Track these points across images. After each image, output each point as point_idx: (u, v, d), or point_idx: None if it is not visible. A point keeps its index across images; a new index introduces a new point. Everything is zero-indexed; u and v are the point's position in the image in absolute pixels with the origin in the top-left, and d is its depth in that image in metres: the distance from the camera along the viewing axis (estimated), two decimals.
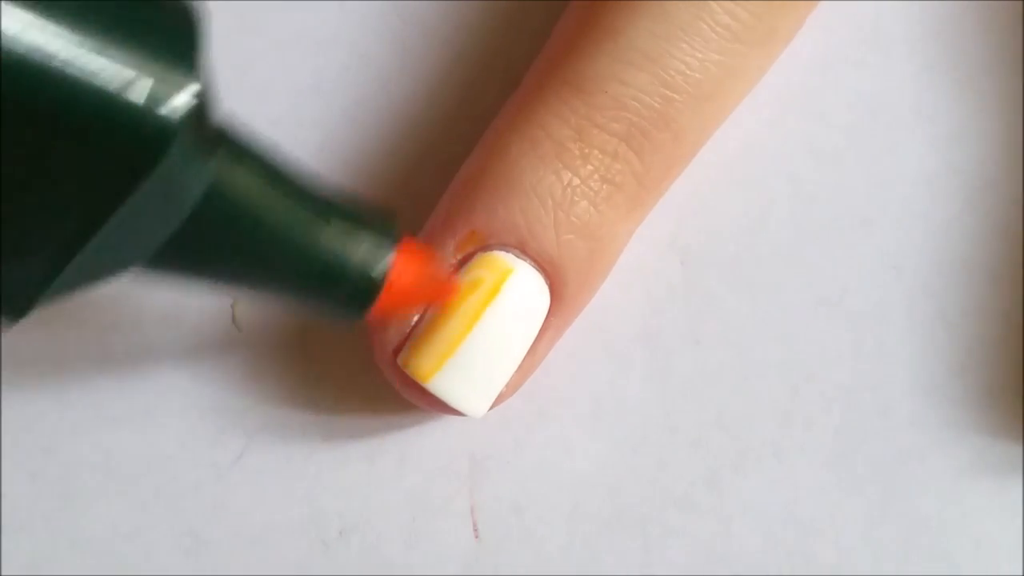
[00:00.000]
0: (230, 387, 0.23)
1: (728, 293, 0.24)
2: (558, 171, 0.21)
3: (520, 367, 0.22)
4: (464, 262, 0.21)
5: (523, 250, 0.21)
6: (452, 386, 0.21)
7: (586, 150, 0.21)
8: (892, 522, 0.23)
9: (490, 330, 0.21)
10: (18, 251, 0.15)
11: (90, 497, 0.23)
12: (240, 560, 0.23)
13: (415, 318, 0.22)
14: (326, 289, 0.19)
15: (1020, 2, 0.25)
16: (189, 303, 0.24)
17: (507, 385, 0.22)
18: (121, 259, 0.16)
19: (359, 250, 0.18)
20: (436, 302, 0.21)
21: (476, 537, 0.23)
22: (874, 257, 0.24)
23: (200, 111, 0.15)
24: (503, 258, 0.21)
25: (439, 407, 0.22)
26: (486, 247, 0.21)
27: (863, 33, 0.25)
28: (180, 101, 0.14)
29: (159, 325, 0.23)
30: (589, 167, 0.21)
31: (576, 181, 0.21)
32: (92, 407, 0.23)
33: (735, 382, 0.24)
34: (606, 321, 0.24)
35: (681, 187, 0.24)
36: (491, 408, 0.22)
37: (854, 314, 0.24)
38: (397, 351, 0.22)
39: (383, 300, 0.19)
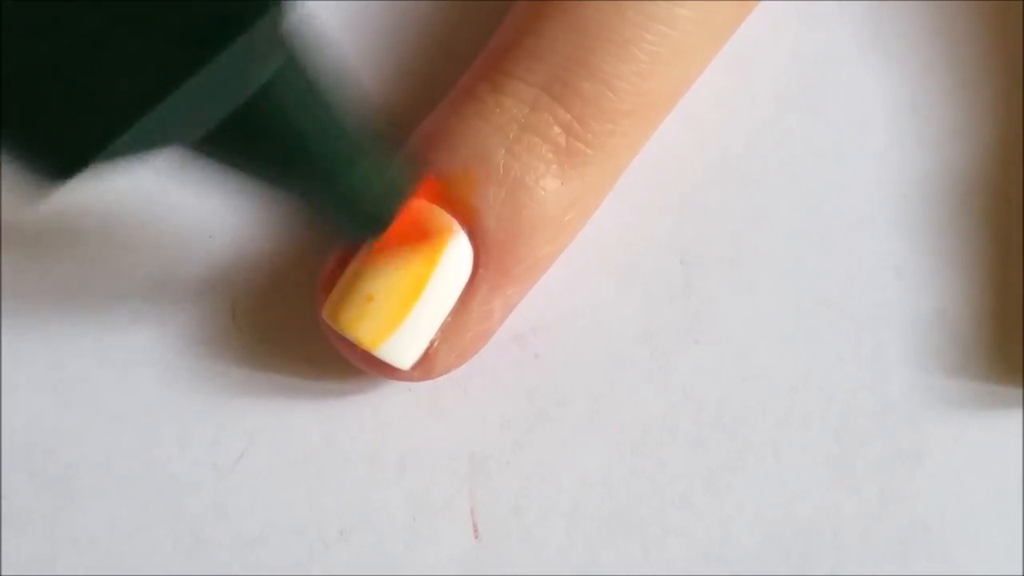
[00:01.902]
0: (230, 387, 0.23)
1: (728, 293, 0.24)
2: (469, 121, 0.22)
3: (456, 324, 0.22)
4: None
5: (435, 198, 0.21)
6: (359, 325, 0.21)
7: (501, 99, 0.21)
8: (892, 522, 0.23)
9: (384, 265, 0.21)
10: (99, 100, 0.16)
11: (90, 497, 0.23)
12: (240, 560, 0.23)
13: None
14: (352, 203, 0.20)
15: (1020, 2, 0.25)
16: (189, 302, 0.24)
17: (444, 345, 0.22)
18: (180, 129, 0.17)
19: (377, 188, 0.20)
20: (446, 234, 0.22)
21: (476, 537, 0.23)
22: (874, 257, 0.24)
23: (274, 10, 0.16)
24: (412, 204, 0.21)
25: (362, 357, 0.22)
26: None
27: (863, 33, 0.25)
28: None
29: (159, 325, 0.23)
30: (505, 116, 0.21)
31: (488, 129, 0.21)
32: (92, 407, 0.23)
33: (735, 382, 0.24)
34: (606, 321, 0.24)
35: (681, 187, 0.24)
36: (427, 369, 0.22)
37: (854, 314, 0.24)
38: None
39: (391, 234, 0.21)
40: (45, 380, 0.23)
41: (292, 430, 0.23)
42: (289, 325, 0.24)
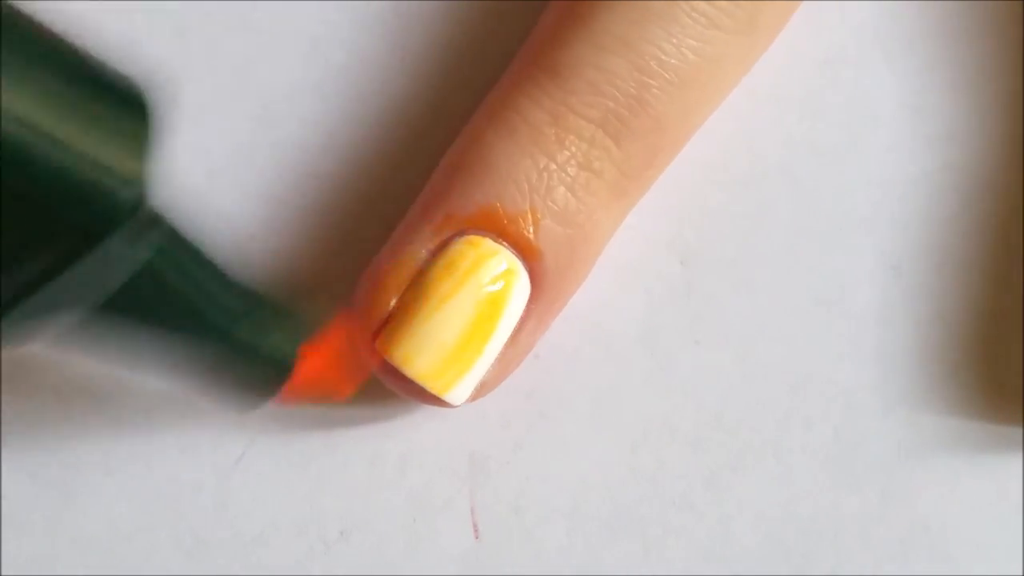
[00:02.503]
0: None
1: (728, 293, 0.24)
2: (534, 156, 0.21)
3: (503, 356, 0.22)
4: (441, 247, 0.21)
5: (500, 234, 0.21)
6: (433, 373, 0.21)
7: (562, 135, 0.21)
8: (892, 522, 0.23)
9: (464, 312, 0.21)
10: None
11: (90, 497, 0.23)
12: (240, 560, 0.23)
13: (393, 302, 0.21)
14: (237, 374, 0.20)
15: (1020, 2, 0.25)
16: None
17: (489, 375, 0.22)
18: (56, 315, 0.17)
19: (271, 340, 0.20)
20: (352, 382, 0.22)
21: (476, 537, 0.23)
22: (873, 257, 0.24)
23: (143, 202, 0.16)
24: (480, 241, 0.21)
25: (418, 394, 0.22)
26: (462, 232, 0.21)
27: (863, 33, 0.25)
28: (127, 194, 0.16)
29: None
30: (566, 153, 0.21)
31: (552, 166, 0.21)
32: (92, 407, 0.23)
33: (735, 382, 0.24)
34: (606, 321, 0.24)
35: (681, 187, 0.24)
36: (473, 398, 0.22)
37: (854, 314, 0.24)
38: (376, 335, 0.22)
39: (292, 384, 0.21)
40: (45, 380, 0.23)
41: (292, 430, 0.23)
42: None
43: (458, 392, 0.22)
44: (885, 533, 0.23)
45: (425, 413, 0.23)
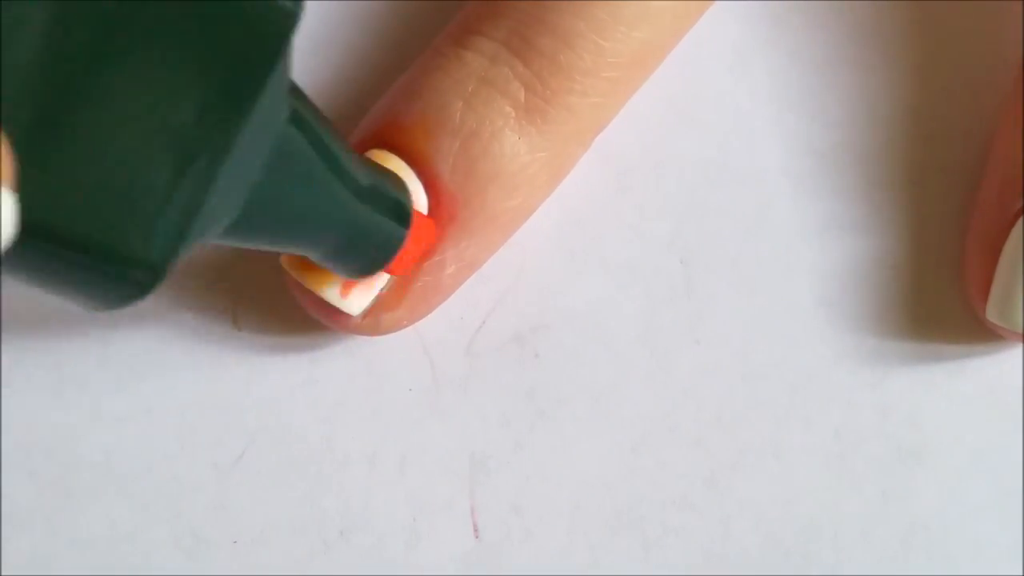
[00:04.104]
0: (230, 387, 0.23)
1: (728, 293, 0.24)
2: (429, 72, 0.22)
3: (410, 278, 0.22)
4: None
5: (395, 147, 0.22)
6: (307, 265, 0.21)
7: (461, 52, 0.22)
8: (892, 522, 0.23)
9: None
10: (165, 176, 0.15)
11: (90, 497, 0.23)
12: (240, 560, 0.23)
13: None
14: (373, 227, 0.20)
15: (1021, 2, 0.25)
16: (189, 303, 0.24)
17: (393, 293, 0.22)
18: (227, 205, 0.17)
19: (394, 192, 0.20)
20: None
21: (476, 537, 0.23)
22: (873, 257, 0.24)
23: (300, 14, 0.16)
24: (372, 152, 0.22)
25: (315, 304, 0.22)
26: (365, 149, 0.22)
27: (863, 33, 0.25)
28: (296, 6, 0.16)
29: (159, 325, 0.24)
30: (465, 69, 0.22)
31: (448, 81, 0.22)
32: (92, 407, 0.23)
33: (735, 382, 0.24)
34: (606, 321, 0.24)
35: (681, 187, 0.24)
36: (379, 320, 0.22)
37: (854, 314, 0.24)
38: None
39: (410, 242, 0.21)
40: (45, 380, 0.23)
41: (292, 430, 0.23)
42: (289, 325, 0.24)
43: (340, 294, 0.21)
44: (885, 533, 0.23)
45: (425, 413, 0.23)
